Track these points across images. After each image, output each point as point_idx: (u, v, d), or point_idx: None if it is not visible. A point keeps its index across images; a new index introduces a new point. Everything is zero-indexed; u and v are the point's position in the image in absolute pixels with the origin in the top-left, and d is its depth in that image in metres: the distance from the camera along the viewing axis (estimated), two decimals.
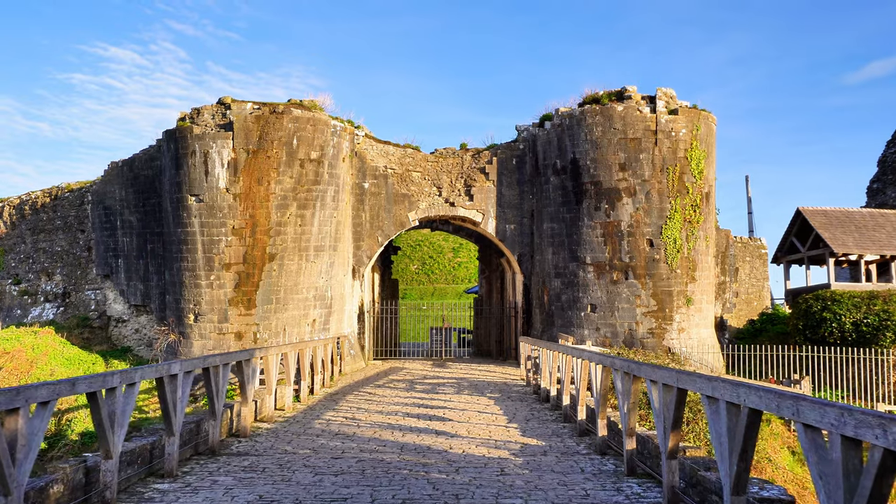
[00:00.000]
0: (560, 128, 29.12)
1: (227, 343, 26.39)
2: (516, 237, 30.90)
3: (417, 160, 30.75)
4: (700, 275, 28.22)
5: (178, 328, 27.44)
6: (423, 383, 24.08)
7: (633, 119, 27.78)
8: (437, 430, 14.64)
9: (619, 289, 27.63)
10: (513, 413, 17.25)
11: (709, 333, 28.67)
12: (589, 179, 28.18)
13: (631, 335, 27.37)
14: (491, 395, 20.85)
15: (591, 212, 28.14)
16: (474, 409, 18.09)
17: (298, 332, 26.97)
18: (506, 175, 30.82)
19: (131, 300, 32.20)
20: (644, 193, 27.60)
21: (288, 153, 26.86)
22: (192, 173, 26.82)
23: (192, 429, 12.18)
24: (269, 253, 26.59)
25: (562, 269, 28.88)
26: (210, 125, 27.02)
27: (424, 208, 30.55)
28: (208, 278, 26.62)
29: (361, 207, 30.16)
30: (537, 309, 30.48)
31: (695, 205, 28.01)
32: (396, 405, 18.77)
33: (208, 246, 26.62)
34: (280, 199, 26.72)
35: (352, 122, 30.16)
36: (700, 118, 28.38)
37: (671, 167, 27.68)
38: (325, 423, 15.83)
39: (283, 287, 26.75)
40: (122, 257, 32.25)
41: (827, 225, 36.78)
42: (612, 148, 27.85)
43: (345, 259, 29.23)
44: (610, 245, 27.78)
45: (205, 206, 26.65)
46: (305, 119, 27.24)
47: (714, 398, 6.92)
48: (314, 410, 18.01)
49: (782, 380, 25.74)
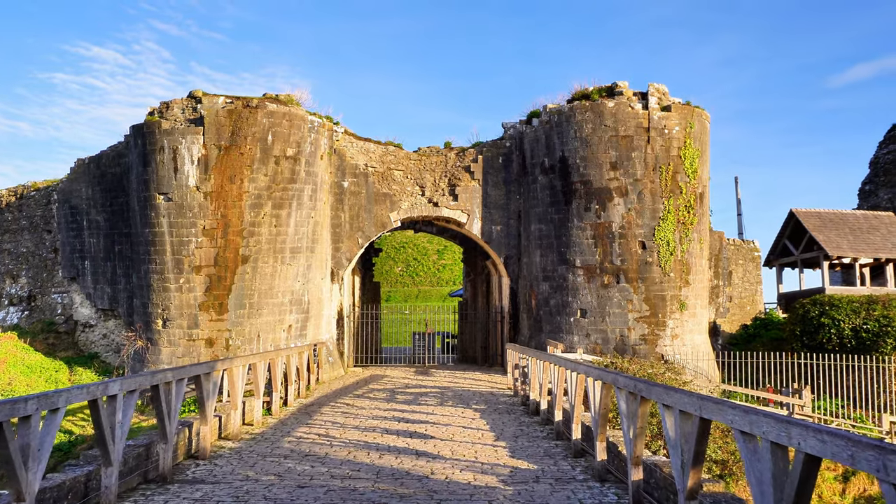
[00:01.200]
0: (548, 125, 27.89)
1: (197, 350, 24.93)
2: (503, 239, 29.64)
3: (399, 158, 29.42)
4: (694, 278, 27.07)
5: (146, 334, 25.95)
6: (405, 393, 22.76)
7: (624, 116, 26.59)
8: (417, 451, 13.32)
9: (611, 293, 26.42)
10: (500, 429, 15.96)
11: (703, 340, 27.52)
12: (578, 179, 26.96)
13: (622, 342, 26.16)
14: (476, 407, 19.56)
15: (580, 212, 26.91)
16: (459, 423, 16.78)
17: (273, 338, 25.55)
18: (492, 174, 29.55)
19: (98, 304, 30.65)
20: (636, 193, 26.42)
21: (262, 150, 25.45)
22: (161, 171, 25.35)
23: (141, 453, 10.79)
24: (243, 255, 25.16)
25: (550, 272, 27.64)
26: (180, 120, 25.57)
27: (407, 208, 29.21)
28: (177, 281, 25.16)
29: (341, 207, 28.78)
30: (525, 314, 29.23)
31: (688, 205, 26.86)
32: (375, 419, 17.42)
33: (177, 247, 25.16)
34: (254, 198, 25.31)
35: (330, 118, 28.79)
36: (694, 115, 27.25)
37: (664, 166, 26.52)
38: (296, 441, 14.47)
39: (256, 291, 25.33)
40: (88, 259, 30.69)
41: (821, 227, 35.79)
42: (603, 146, 26.65)
43: (323, 261, 27.84)
44: (601, 247, 26.57)
45: (174, 206, 25.19)
46: (281, 114, 25.84)
47: (751, 435, 5.66)
48: (286, 425, 16.63)
49: (781, 389, 24.61)
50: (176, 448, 12.28)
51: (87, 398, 8.44)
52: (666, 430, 7.64)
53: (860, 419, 24.48)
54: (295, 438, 14.75)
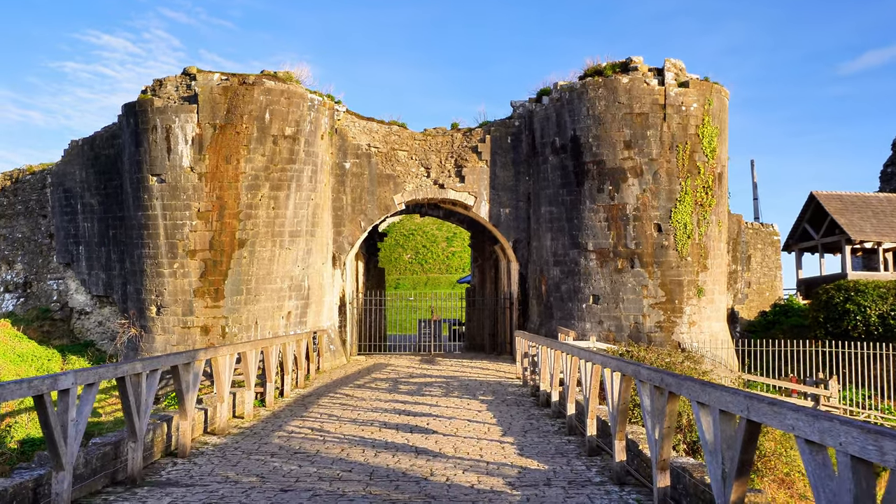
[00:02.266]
0: (559, 102, 26.60)
1: (192, 338, 23.89)
2: (511, 222, 28.42)
3: (404, 138, 28.20)
4: (712, 263, 25.80)
5: (140, 321, 24.92)
6: (409, 383, 21.66)
7: (639, 92, 25.27)
8: (417, 448, 12.20)
9: (625, 278, 25.19)
10: (508, 422, 14.83)
11: (721, 327, 26.28)
12: (591, 158, 25.69)
13: (637, 329, 24.96)
14: (483, 398, 18.43)
15: (593, 194, 25.66)
16: (463, 416, 15.66)
17: (272, 325, 24.47)
18: (500, 155, 28.30)
19: (93, 290, 29.66)
20: (651, 174, 25.14)
21: (259, 129, 24.29)
22: (153, 151, 24.24)
23: (108, 452, 9.71)
24: (239, 239, 24.05)
25: (561, 256, 26.43)
26: (174, 98, 24.43)
27: (411, 190, 28.01)
28: (171, 266, 24.08)
29: (342, 189, 27.62)
30: (534, 300, 28.05)
31: (707, 186, 25.56)
32: (374, 411, 16.33)
33: (171, 231, 24.07)
34: (251, 179, 24.18)
35: (332, 96, 27.58)
36: (712, 91, 25.90)
37: (681, 145, 25.21)
38: (287, 436, 13.38)
39: (254, 276, 24.23)
40: (83, 244, 29.69)
41: (843, 210, 34.42)
42: (617, 124, 25.35)
43: (324, 246, 26.71)
44: (614, 230, 25.32)
45: (167, 187, 24.09)
46: (279, 91, 24.66)
47: (821, 445, 4.48)
48: (279, 418, 15.56)
49: (805, 379, 23.36)
50: (152, 445, 11.21)
51: (32, 394, 7.33)
52: (702, 433, 6.48)
53: (888, 410, 23.24)
54: (286, 433, 13.66)
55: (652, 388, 8.01)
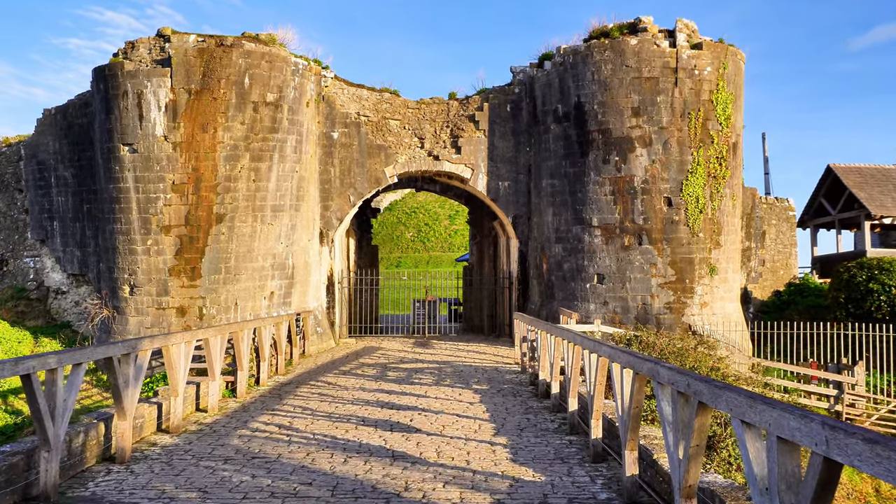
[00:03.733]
0: (562, 67, 24.73)
1: (167, 320, 22.26)
2: (511, 196, 26.65)
3: (396, 106, 26.37)
4: (725, 239, 24.05)
5: (113, 302, 23.31)
6: (398, 369, 20.05)
7: (648, 55, 23.40)
8: (394, 452, 10.55)
9: (632, 256, 23.46)
10: (502, 418, 13.18)
11: (734, 308, 24.58)
12: (596, 127, 23.87)
13: (645, 310, 23.27)
14: (477, 388, 16.80)
15: (598, 165, 23.87)
16: (453, 409, 14.03)
17: (253, 306, 22.84)
18: (499, 124, 26.47)
19: (68, 268, 28.04)
20: (661, 143, 23.32)
21: (238, 94, 22.50)
22: (124, 118, 22.47)
23: (18, 464, 8.08)
24: (217, 213, 22.34)
25: (564, 232, 24.69)
26: (146, 61, 22.63)
27: (404, 162, 26.23)
28: (145, 243, 22.41)
29: (330, 161, 25.84)
30: (535, 279, 26.35)
31: (720, 157, 23.75)
32: (355, 403, 14.70)
33: (144, 205, 22.37)
34: (229, 149, 22.42)
35: (319, 61, 25.74)
36: (727, 54, 24.01)
37: (693, 112, 23.38)
38: (250, 435, 11.75)
39: (233, 254, 22.55)
40: (57, 219, 28.01)
41: (862, 184, 32.60)
42: (624, 89, 23.50)
43: (310, 221, 24.99)
44: (621, 204, 23.56)
45: (139, 158, 22.35)
46: (259, 54, 22.83)
47: None
48: (247, 412, 13.94)
49: (827, 365, 21.68)
50: (83, 451, 9.59)
51: None
52: (747, 461, 4.81)
53: None
54: (249, 431, 12.03)
55: (674, 393, 6.32)
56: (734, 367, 18.59)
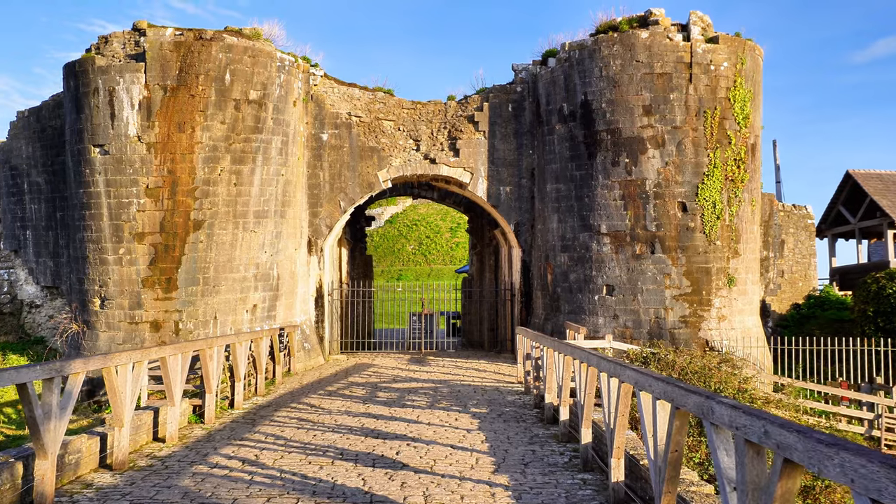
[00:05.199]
0: (568, 63, 23.07)
1: (140, 335, 20.51)
2: (513, 202, 24.93)
3: (390, 106, 24.69)
4: (744, 247, 22.30)
5: (83, 316, 21.57)
6: (390, 389, 18.27)
7: (661, 49, 21.73)
8: (373, 497, 8.77)
9: (644, 265, 21.71)
10: (504, 450, 11.40)
11: (754, 322, 22.78)
12: (604, 127, 22.18)
13: (658, 325, 21.49)
14: (476, 411, 15.02)
15: (607, 168, 22.16)
16: (448, 439, 12.25)
17: (234, 320, 21.08)
18: (499, 125, 24.78)
19: (41, 280, 26.35)
20: (675, 144, 21.62)
21: (219, 92, 20.84)
22: (95, 118, 20.81)
23: None
24: (195, 220, 20.63)
25: (570, 240, 22.96)
26: (119, 56, 20.99)
27: (398, 166, 24.52)
28: (116, 252, 20.69)
29: (319, 164, 24.16)
30: (539, 291, 24.58)
31: (738, 159, 22.04)
32: (336, 431, 12.93)
33: (116, 211, 20.67)
34: (208, 150, 20.74)
35: (307, 58, 24.12)
36: (745, 49, 22.34)
37: (709, 111, 21.69)
38: (206, 473, 9.97)
39: (212, 263, 20.82)
40: (30, 228, 26.35)
41: (884, 191, 30.87)
42: (635, 86, 21.83)
43: (297, 229, 23.27)
44: (631, 210, 21.83)
45: (111, 160, 20.66)
46: (242, 48, 21.19)
47: None
48: (211, 441, 12.17)
49: (860, 384, 19.87)
50: None
51: None
52: None
53: None
54: (207, 467, 10.26)
55: (741, 442, 4.56)
56: (761, 389, 16.80)
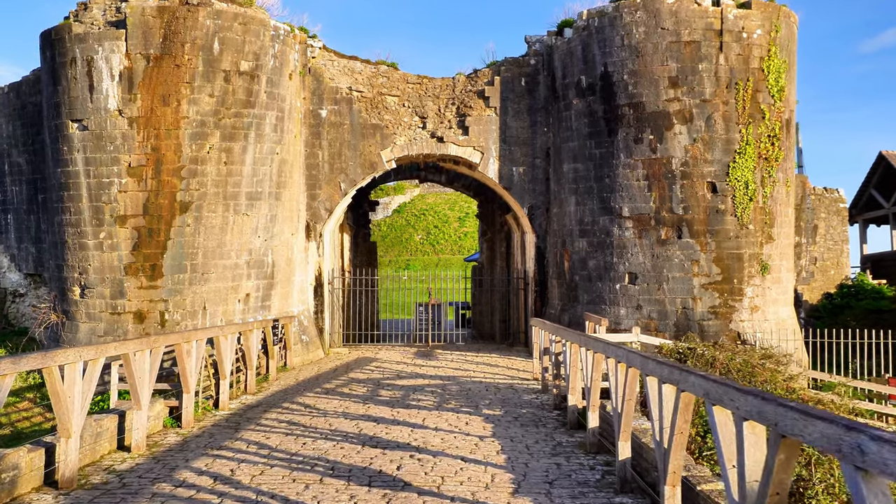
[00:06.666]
0: (586, 32, 21.26)
1: (123, 327, 18.88)
2: (526, 184, 23.17)
3: (394, 81, 22.93)
4: (779, 232, 20.52)
5: (62, 305, 19.96)
6: (393, 386, 16.61)
7: (688, 15, 19.91)
8: None
9: (669, 251, 19.96)
10: (524, 463, 9.71)
11: (789, 313, 21.02)
12: (626, 101, 20.39)
13: (686, 316, 19.75)
14: (489, 413, 13.34)
15: (629, 145, 20.38)
16: (458, 448, 10.57)
17: (225, 310, 19.43)
18: (512, 101, 23.00)
19: (23, 268, 24.74)
20: (704, 119, 19.82)
21: (206, 61, 19.12)
22: (73, 90, 19.13)
23: None
24: (181, 201, 18.95)
25: (589, 224, 21.20)
26: (99, 23, 19.29)
27: (403, 145, 22.78)
28: (97, 236, 19.04)
29: (317, 143, 22.44)
30: (555, 280, 22.85)
31: (772, 135, 20.23)
32: (330, 438, 11.27)
33: (96, 191, 19.01)
34: (195, 125, 19.04)
35: (304, 29, 22.38)
36: (780, 15, 20.49)
37: (741, 82, 19.86)
38: (167, 494, 8.32)
39: (201, 249, 19.15)
40: (11, 212, 24.73)
41: None
42: (660, 56, 20.02)
43: (293, 212, 21.59)
44: (656, 191, 20.06)
45: (90, 136, 18.99)
46: (232, 15, 19.46)
47: None
48: (184, 451, 10.52)
49: None
50: None
51: None
52: None
53: None
54: (171, 486, 8.60)
55: None
56: (804, 388, 15.07)
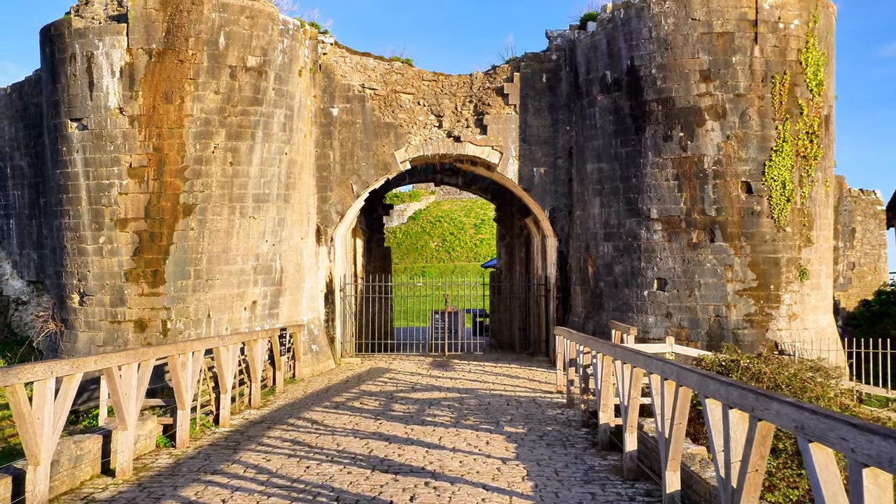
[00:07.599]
0: (611, 25, 20.14)
1: (123, 336, 17.91)
2: (548, 185, 22.05)
3: (408, 78, 21.90)
4: (818, 235, 19.27)
5: (61, 313, 19.04)
6: (408, 400, 15.51)
7: (721, 4, 18.74)
8: None
9: (701, 256, 18.75)
10: (553, 492, 8.58)
11: (828, 321, 19.75)
12: (655, 96, 19.23)
13: (719, 324, 18.52)
14: (511, 431, 12.21)
15: (658, 143, 19.21)
16: (478, 474, 9.45)
17: (231, 318, 18.42)
18: (532, 98, 21.91)
19: (25, 274, 23.91)
20: (738, 115, 18.62)
21: (212, 57, 18.18)
22: (72, 88, 18.23)
23: None
24: (185, 204, 17.98)
25: (615, 227, 20.04)
26: (100, 18, 18.40)
27: (417, 144, 21.73)
28: (96, 241, 18.10)
29: (328, 143, 21.44)
30: (578, 286, 21.68)
31: (811, 132, 18.99)
32: (335, 461, 10.18)
33: (95, 194, 18.08)
34: (200, 123, 18.08)
35: (315, 24, 21.42)
36: (818, 5, 19.28)
37: (778, 76, 18.66)
38: None
39: (205, 254, 18.17)
40: (13, 217, 23.92)
41: None
42: (690, 48, 18.86)
43: (303, 215, 20.58)
44: (687, 191, 18.87)
45: (90, 136, 18.08)
46: (238, 8, 18.51)
47: None
48: (175, 476, 9.48)
49: None
50: None
51: None
52: None
53: None
54: None
55: None
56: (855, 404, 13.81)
